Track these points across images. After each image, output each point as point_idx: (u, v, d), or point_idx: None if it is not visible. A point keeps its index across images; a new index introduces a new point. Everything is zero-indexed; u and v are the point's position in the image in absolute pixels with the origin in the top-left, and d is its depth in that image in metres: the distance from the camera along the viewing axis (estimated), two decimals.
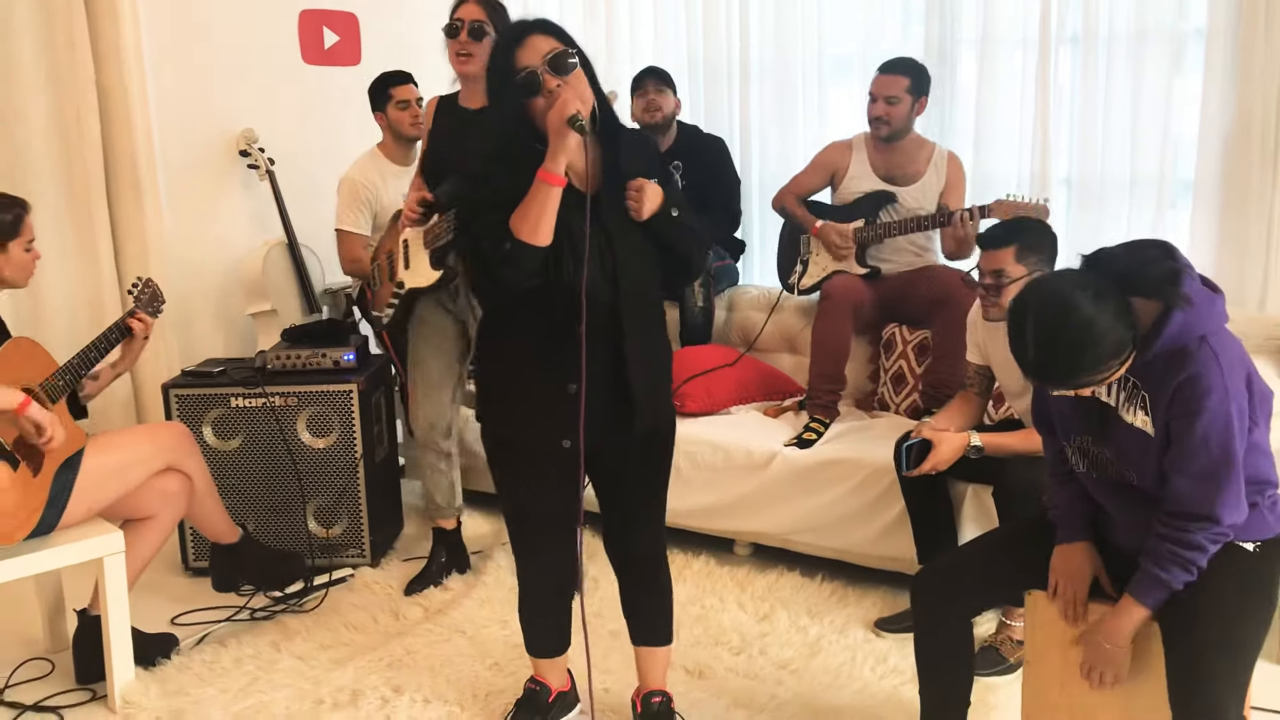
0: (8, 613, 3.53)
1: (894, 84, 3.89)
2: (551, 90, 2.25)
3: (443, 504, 3.73)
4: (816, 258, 4.13)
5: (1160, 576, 2.07)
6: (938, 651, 2.45)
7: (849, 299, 3.93)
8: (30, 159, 4.14)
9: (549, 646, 2.76)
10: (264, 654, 3.23)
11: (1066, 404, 2.23)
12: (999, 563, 2.45)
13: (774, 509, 3.67)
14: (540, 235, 2.26)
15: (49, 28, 4.13)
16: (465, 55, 3.40)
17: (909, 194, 3.99)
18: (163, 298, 3.37)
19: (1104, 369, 2.00)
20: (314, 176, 4.67)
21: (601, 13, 5.13)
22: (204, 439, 3.72)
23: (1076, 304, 1.96)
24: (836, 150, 4.17)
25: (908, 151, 4.02)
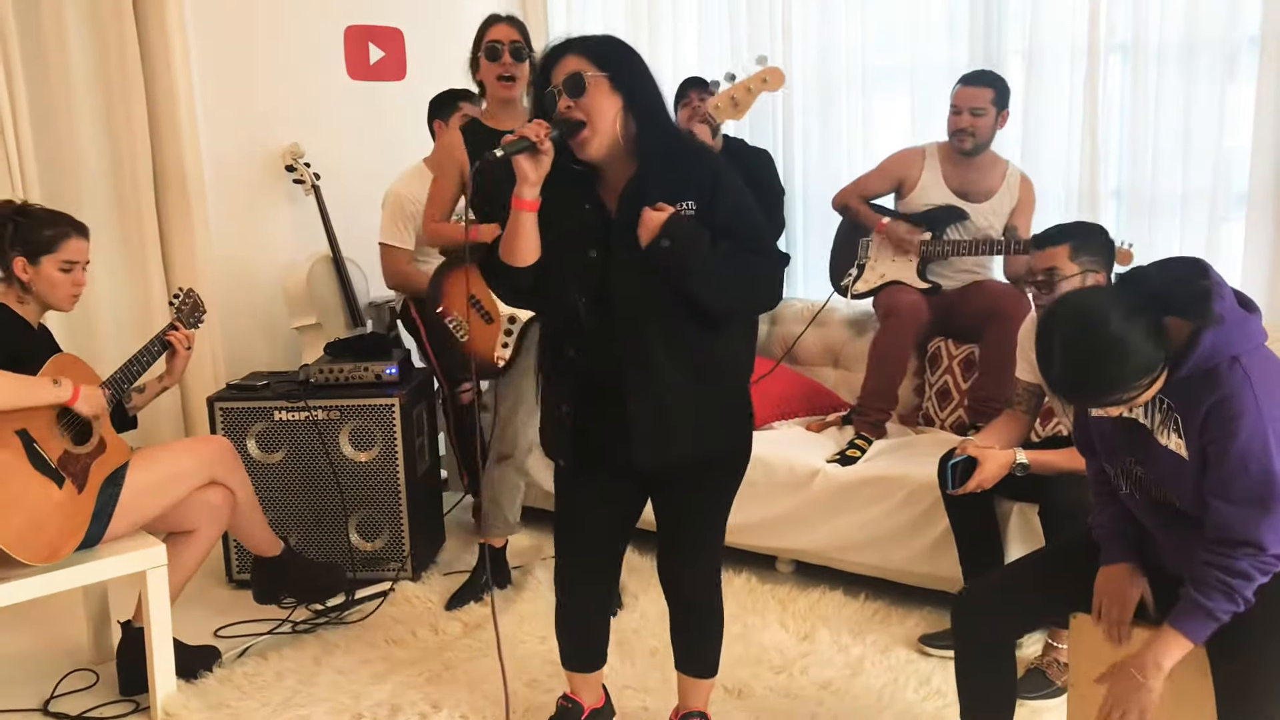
0: (54, 624, 3.58)
1: (979, 95, 3.82)
2: (562, 111, 2.26)
3: (513, 521, 3.72)
4: (874, 263, 4.05)
5: (1203, 604, 1.99)
6: (980, 674, 2.40)
7: (915, 319, 3.85)
8: (81, 175, 4.21)
9: (580, 662, 2.74)
10: (305, 668, 3.25)
11: (1106, 425, 2.18)
12: (1043, 584, 2.39)
13: (816, 526, 3.64)
14: (516, 256, 2.30)
15: (100, 45, 4.21)
16: (509, 79, 3.39)
17: (980, 211, 3.92)
18: (204, 308, 3.40)
19: (1133, 388, 1.95)
20: (359, 191, 4.71)
21: (645, 23, 5.12)
22: (247, 452, 3.75)
23: (1106, 320, 1.92)
24: (909, 157, 4.06)
25: (983, 167, 3.94)
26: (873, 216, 4.05)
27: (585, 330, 2.34)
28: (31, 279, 2.90)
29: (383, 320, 4.66)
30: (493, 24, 3.43)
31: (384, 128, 4.87)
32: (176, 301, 3.35)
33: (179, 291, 3.38)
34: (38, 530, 2.72)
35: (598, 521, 2.57)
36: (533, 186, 2.25)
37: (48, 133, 4.12)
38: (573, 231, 2.33)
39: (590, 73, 2.25)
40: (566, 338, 2.38)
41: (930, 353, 4.04)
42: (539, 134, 2.21)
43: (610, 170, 2.35)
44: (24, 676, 3.26)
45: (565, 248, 2.33)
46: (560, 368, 2.41)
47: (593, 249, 2.32)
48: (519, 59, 3.39)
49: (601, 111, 2.25)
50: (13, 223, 2.87)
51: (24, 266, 2.88)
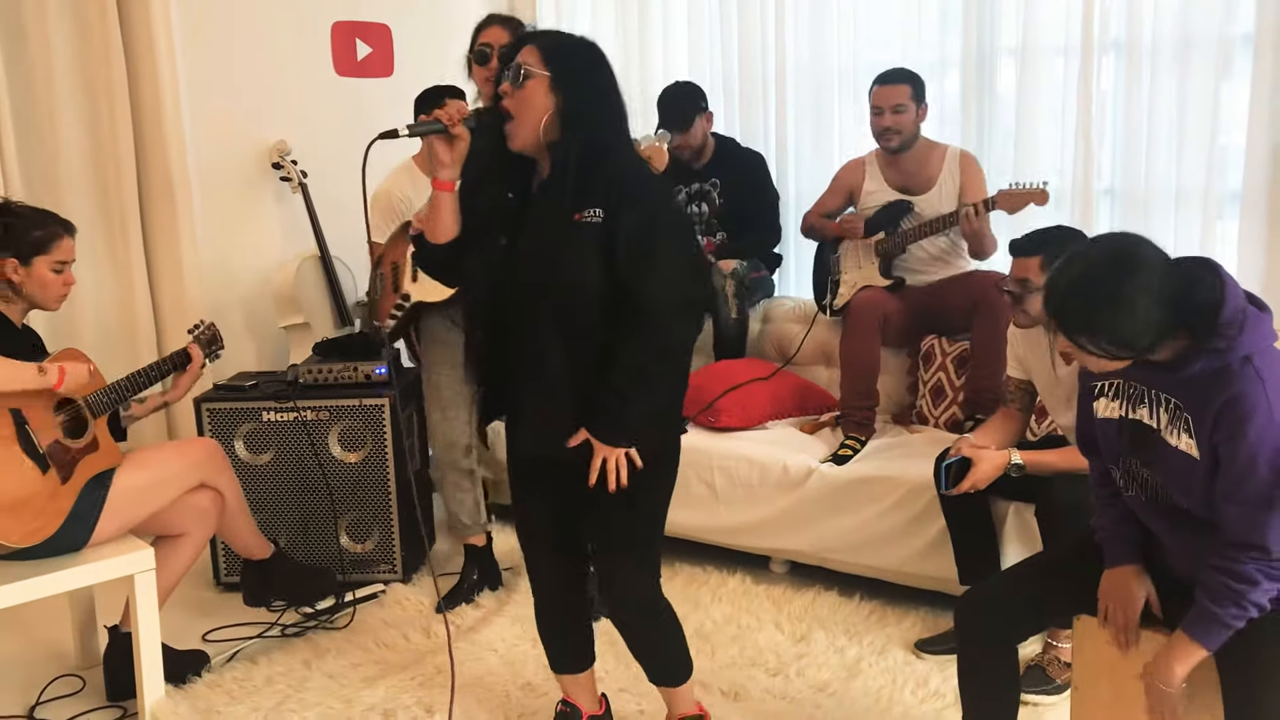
0: (40, 629, 3.53)
1: (898, 93, 3.88)
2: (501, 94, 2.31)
3: (468, 523, 3.70)
4: (846, 276, 4.09)
5: (1214, 612, 1.97)
6: (982, 679, 2.38)
7: (874, 313, 3.89)
8: (64, 173, 4.15)
9: (565, 663, 2.71)
10: (295, 671, 3.21)
11: (1112, 426, 2.16)
12: (1045, 587, 2.37)
13: (811, 526, 3.61)
14: (432, 233, 2.36)
15: (84, 41, 4.15)
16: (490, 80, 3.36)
17: (926, 201, 3.95)
18: (221, 341, 3.40)
19: (1102, 345, 1.93)
20: (347, 189, 4.61)
21: (635, 22, 5.09)
22: (235, 453, 3.71)
23: (1136, 278, 1.90)
24: (851, 169, 4.18)
25: (918, 158, 3.99)
26: (828, 225, 4.15)
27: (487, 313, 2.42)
28: (23, 280, 2.86)
29: (371, 319, 4.62)
30: (486, 26, 3.41)
31: (372, 125, 4.76)
32: (196, 331, 3.33)
33: (200, 323, 3.39)
34: (12, 511, 2.67)
35: (539, 513, 2.56)
36: (447, 168, 2.31)
37: (30, 131, 4.06)
38: (486, 217, 2.38)
39: (536, 69, 2.27)
40: (476, 318, 2.43)
41: (924, 350, 4.03)
42: (453, 118, 2.26)
43: (543, 167, 2.38)
44: (9, 683, 3.22)
45: (480, 231, 2.38)
46: (469, 346, 2.45)
47: (503, 236, 2.38)
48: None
49: (531, 107, 2.27)
50: (2, 224, 2.83)
51: (15, 268, 2.84)
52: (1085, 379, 2.26)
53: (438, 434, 3.62)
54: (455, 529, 3.75)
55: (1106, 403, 2.17)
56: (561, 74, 2.27)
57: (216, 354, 3.40)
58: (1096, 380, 2.20)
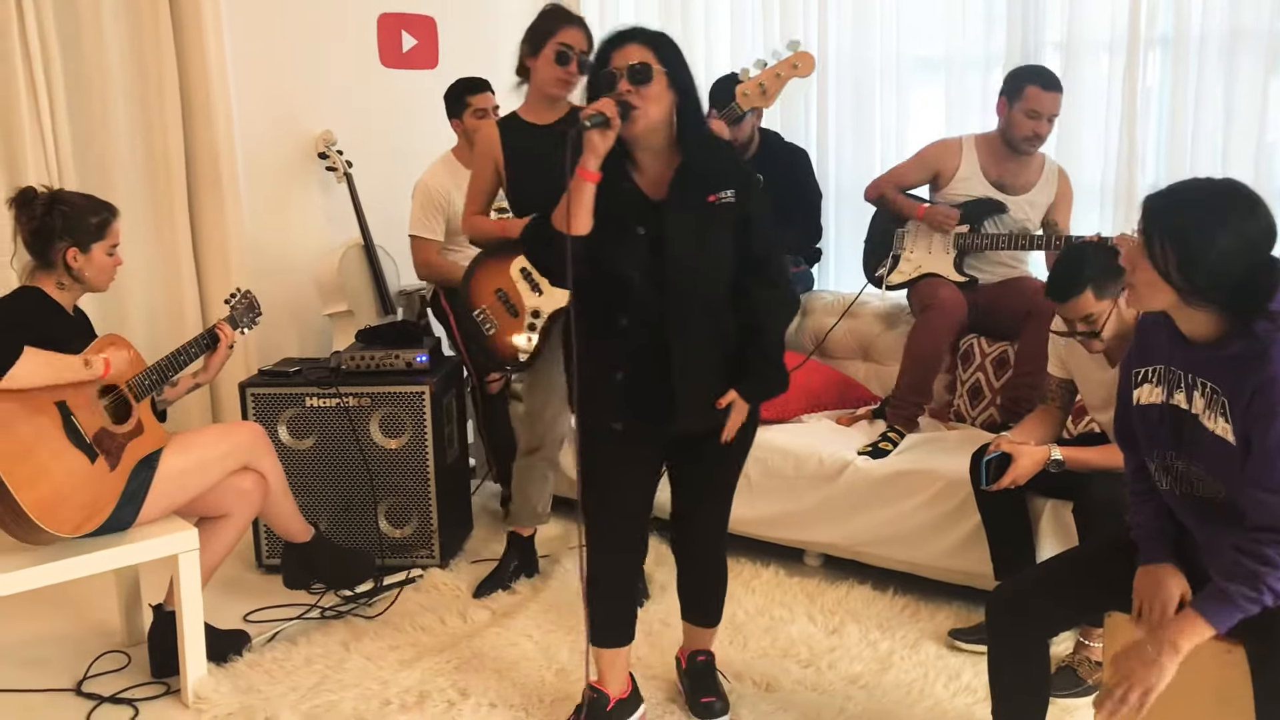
0: (87, 606, 3.61)
1: (1058, 101, 3.75)
2: (621, 94, 2.41)
3: (541, 512, 3.73)
4: (910, 254, 4.01)
5: (1227, 589, 1.95)
6: (1013, 673, 2.38)
7: (955, 314, 3.82)
8: (115, 161, 4.23)
9: (614, 635, 2.75)
10: (333, 653, 3.26)
11: (1153, 413, 2.15)
12: (1078, 582, 2.37)
13: (845, 520, 3.62)
14: (574, 225, 2.43)
15: (135, 31, 4.23)
16: (569, 84, 3.38)
17: (1018, 204, 3.88)
18: (259, 308, 3.44)
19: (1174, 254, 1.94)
20: (391, 179, 4.71)
21: (677, 12, 5.10)
22: (278, 438, 3.77)
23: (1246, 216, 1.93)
24: (946, 148, 4.00)
25: (1022, 161, 3.89)
26: (911, 204, 3.99)
27: (636, 301, 2.49)
28: (82, 266, 2.92)
29: (413, 308, 4.67)
30: (565, 25, 3.34)
31: (416, 116, 4.87)
32: (232, 301, 3.38)
33: (236, 291, 3.42)
34: (63, 501, 2.74)
35: (633, 480, 2.69)
36: (598, 159, 2.40)
37: (82, 119, 4.14)
38: (619, 209, 2.48)
39: (656, 65, 2.43)
40: (617, 308, 2.51)
41: (963, 350, 4.01)
42: (612, 110, 2.37)
43: (645, 156, 2.52)
44: (58, 657, 3.29)
45: (613, 223, 2.47)
46: (613, 335, 2.53)
47: (639, 226, 2.49)
48: (583, 70, 3.35)
49: (657, 101, 2.43)
50: (59, 213, 2.89)
51: (75, 255, 2.90)
52: (1126, 368, 2.25)
53: (550, 432, 3.61)
54: (523, 518, 3.74)
55: (1150, 389, 2.16)
56: (674, 69, 2.46)
57: (254, 322, 3.43)
58: (1138, 368, 2.19)
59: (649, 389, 2.54)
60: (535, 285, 3.48)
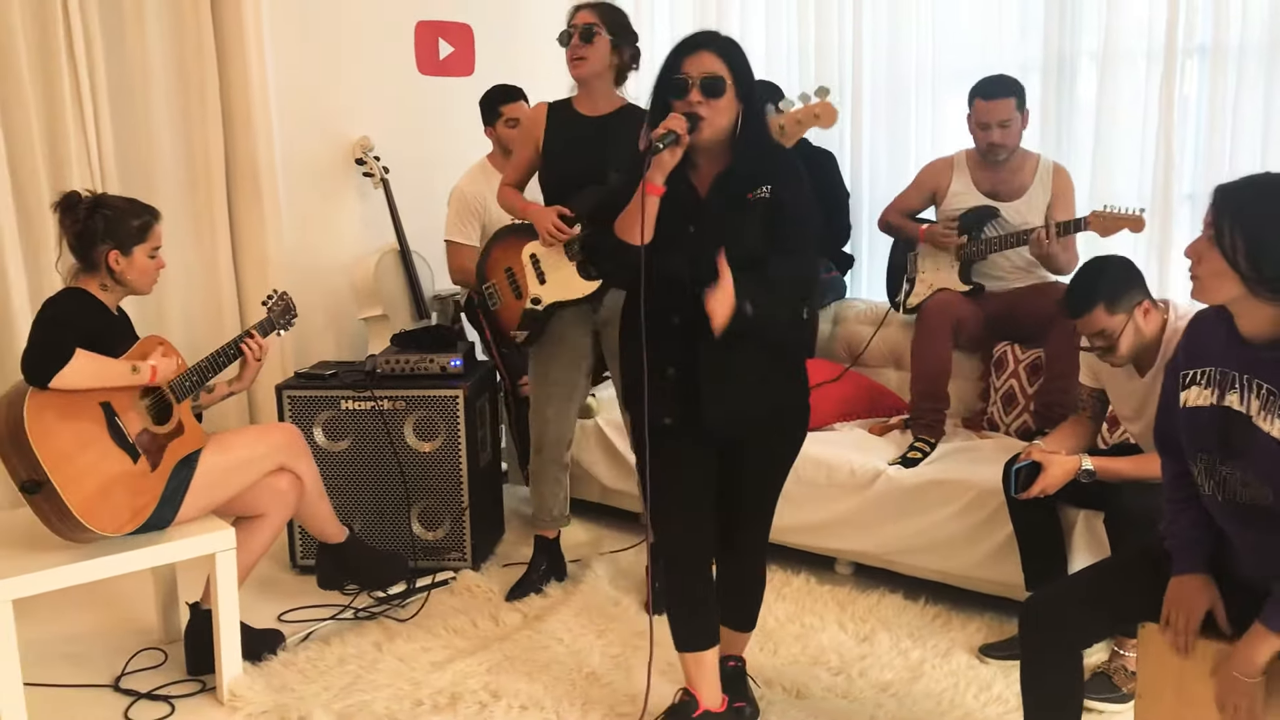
0: (125, 603, 3.66)
1: (1004, 107, 3.81)
2: (691, 104, 2.44)
3: (558, 515, 3.77)
4: (923, 275, 4.07)
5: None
6: (1046, 685, 2.36)
7: (947, 316, 3.86)
8: (156, 165, 4.30)
9: (694, 638, 2.71)
10: (366, 654, 3.29)
11: (1202, 415, 2.14)
12: (1112, 594, 2.36)
13: (877, 528, 3.62)
14: (636, 236, 2.47)
15: (177, 37, 4.29)
16: (579, 59, 3.41)
17: (1013, 209, 3.90)
18: (295, 310, 3.47)
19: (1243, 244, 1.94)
20: (427, 185, 4.76)
21: (712, 23, 5.11)
22: (314, 440, 3.81)
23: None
24: (937, 168, 4.11)
25: (1012, 165, 3.93)
26: (912, 227, 4.10)
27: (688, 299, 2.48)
28: (124, 269, 2.97)
29: (447, 313, 4.71)
30: (577, 10, 3.45)
31: (452, 123, 4.92)
32: (269, 302, 3.42)
33: (273, 293, 3.46)
34: (108, 500, 2.79)
35: (698, 478, 2.67)
36: (665, 174, 2.45)
37: (125, 125, 4.21)
38: (674, 210, 2.50)
39: (727, 78, 2.46)
40: (672, 306, 2.52)
41: (996, 357, 4.00)
42: (683, 127, 2.41)
43: (703, 159, 2.55)
44: (96, 653, 3.34)
45: (668, 224, 2.50)
46: (667, 334, 2.53)
47: (690, 224, 2.53)
48: (587, 39, 3.40)
49: (724, 114, 2.47)
50: (101, 216, 2.94)
51: (117, 258, 2.95)
52: (1173, 371, 2.24)
53: (549, 429, 3.65)
54: (541, 521, 3.78)
55: (1198, 391, 2.15)
56: (742, 79, 2.49)
57: (290, 323, 3.46)
58: (1187, 370, 2.18)
59: (693, 388, 2.56)
60: (541, 275, 3.52)
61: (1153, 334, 2.79)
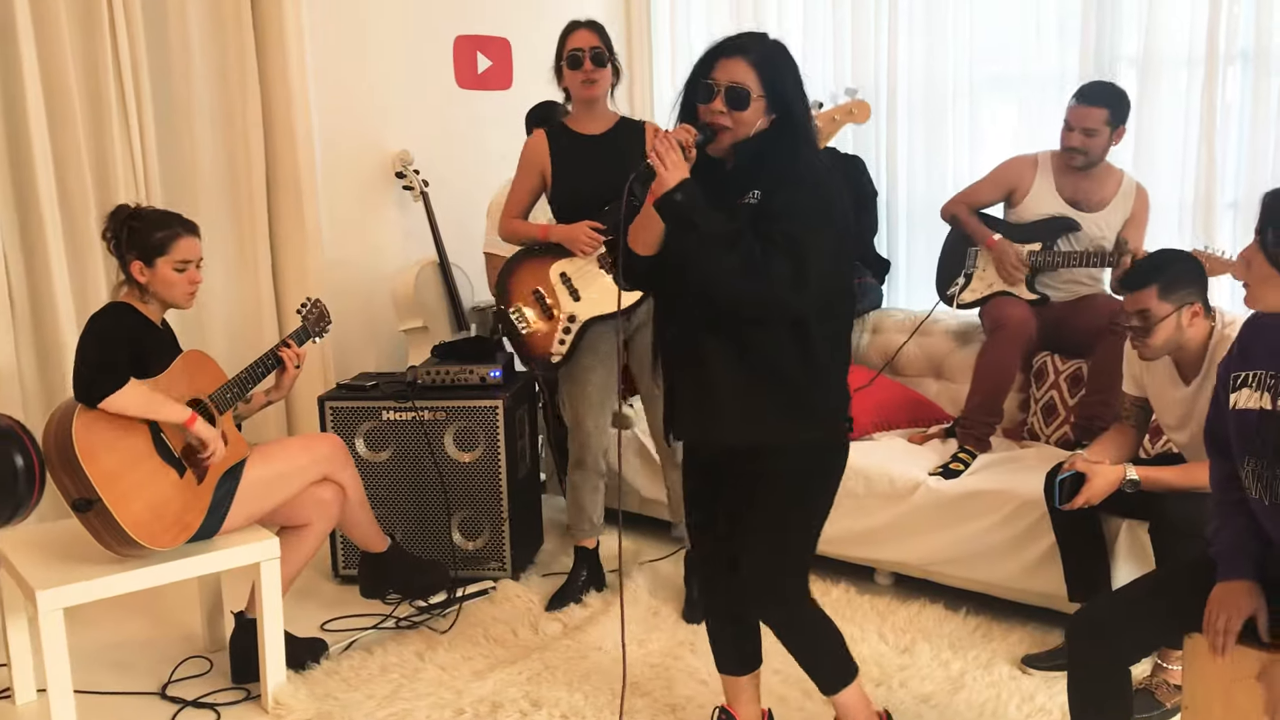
0: (172, 612, 3.71)
1: (1092, 116, 3.72)
2: (714, 112, 2.32)
3: (596, 524, 3.79)
4: (982, 273, 4.00)
5: None
6: (1095, 699, 2.35)
7: (1024, 333, 3.79)
8: (199, 177, 4.35)
9: (725, 664, 2.69)
10: (408, 662, 3.32)
11: (1251, 418, 2.12)
12: (1160, 606, 2.33)
13: (917, 539, 3.60)
14: (646, 247, 2.39)
15: (220, 56, 4.35)
16: (592, 82, 3.47)
17: (1092, 222, 3.84)
18: (329, 318, 3.50)
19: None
20: (465, 198, 4.80)
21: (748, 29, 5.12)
22: (356, 450, 3.85)
23: None
24: (1020, 166, 3.98)
25: (1097, 177, 3.85)
26: (983, 231, 3.98)
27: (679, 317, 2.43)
28: (148, 280, 3.01)
29: (487, 324, 4.74)
30: (572, 31, 3.51)
31: (491, 136, 4.95)
32: (304, 310, 3.45)
33: (306, 301, 3.48)
34: (157, 516, 2.84)
35: (699, 495, 2.59)
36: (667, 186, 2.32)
37: (169, 137, 4.27)
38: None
39: (755, 92, 2.30)
40: (668, 318, 2.48)
41: (1036, 367, 3.98)
42: (689, 141, 2.31)
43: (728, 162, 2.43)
44: (143, 661, 3.39)
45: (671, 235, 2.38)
46: (664, 345, 2.50)
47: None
48: (599, 64, 3.48)
49: (747, 125, 2.33)
50: (127, 228, 2.99)
51: (140, 269, 2.99)
52: (1225, 371, 2.22)
53: (591, 442, 3.67)
54: (580, 531, 3.80)
55: (1249, 393, 2.13)
56: (774, 89, 2.32)
57: (325, 330, 3.49)
58: (1238, 372, 2.16)
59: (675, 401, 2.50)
60: (574, 292, 3.54)
61: (1195, 341, 2.77)
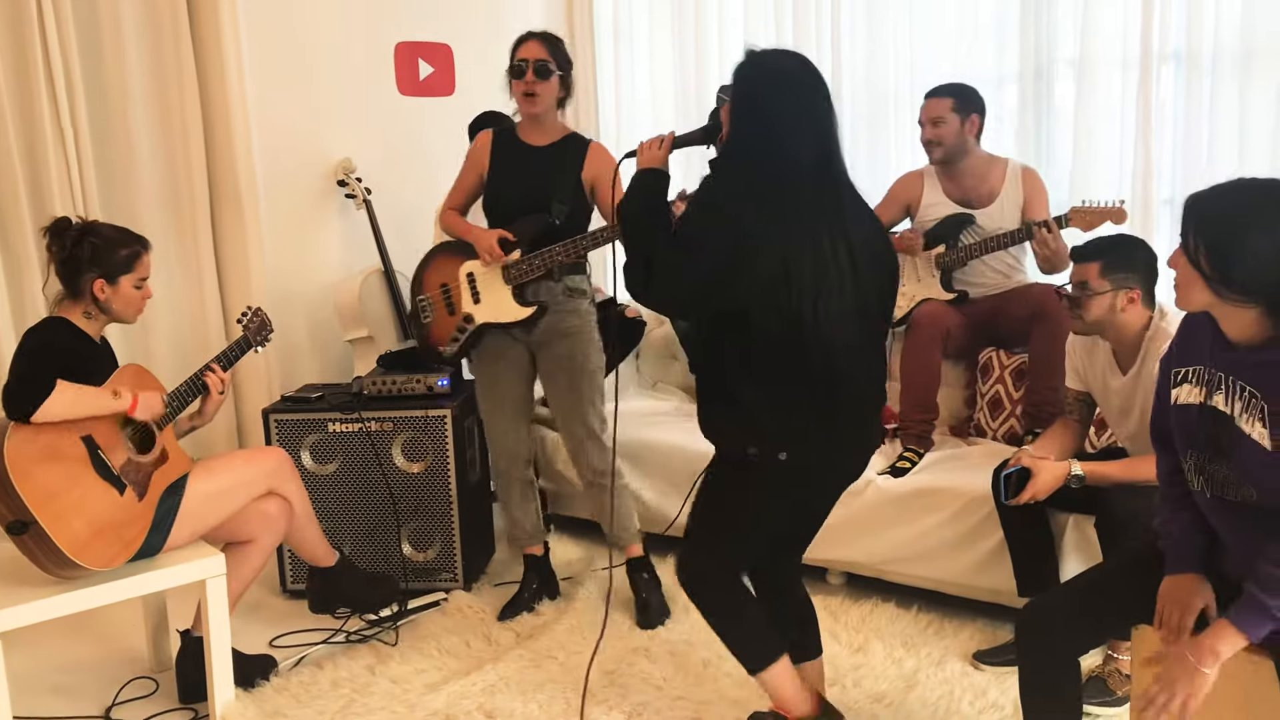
0: (115, 632, 3.64)
1: (937, 106, 3.89)
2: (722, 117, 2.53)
3: (531, 532, 3.77)
4: (904, 288, 4.08)
5: (1262, 602, 1.97)
6: (1044, 691, 2.37)
7: (936, 327, 3.89)
8: (138, 188, 4.29)
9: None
10: (359, 676, 3.28)
11: (1191, 413, 2.15)
12: (1107, 598, 2.36)
13: (868, 538, 3.62)
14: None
15: (157, 60, 4.29)
16: (531, 95, 3.46)
17: (987, 214, 3.94)
18: (271, 326, 3.46)
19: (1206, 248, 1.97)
20: (409, 205, 4.76)
21: (691, 37, 5.15)
22: (302, 463, 3.80)
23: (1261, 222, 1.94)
24: (908, 181, 4.14)
25: (978, 172, 3.97)
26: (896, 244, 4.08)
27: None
28: (109, 298, 2.95)
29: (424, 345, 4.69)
30: (522, 42, 3.51)
31: (434, 143, 4.92)
32: (244, 320, 3.40)
33: (247, 310, 3.43)
34: (98, 536, 2.77)
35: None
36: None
37: (106, 147, 4.21)
38: None
39: (727, 99, 2.48)
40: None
41: (982, 363, 4.02)
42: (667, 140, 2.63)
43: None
44: (86, 684, 3.32)
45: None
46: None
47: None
48: (542, 76, 3.46)
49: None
50: (88, 245, 2.93)
51: (103, 287, 2.93)
52: (1166, 367, 2.26)
53: (504, 446, 3.68)
54: (516, 539, 3.80)
55: (1189, 389, 2.17)
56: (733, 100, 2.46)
57: (266, 339, 3.44)
58: (1178, 368, 2.20)
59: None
60: (476, 294, 3.56)
61: (1130, 327, 2.81)
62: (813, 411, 2.42)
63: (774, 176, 2.38)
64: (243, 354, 3.34)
